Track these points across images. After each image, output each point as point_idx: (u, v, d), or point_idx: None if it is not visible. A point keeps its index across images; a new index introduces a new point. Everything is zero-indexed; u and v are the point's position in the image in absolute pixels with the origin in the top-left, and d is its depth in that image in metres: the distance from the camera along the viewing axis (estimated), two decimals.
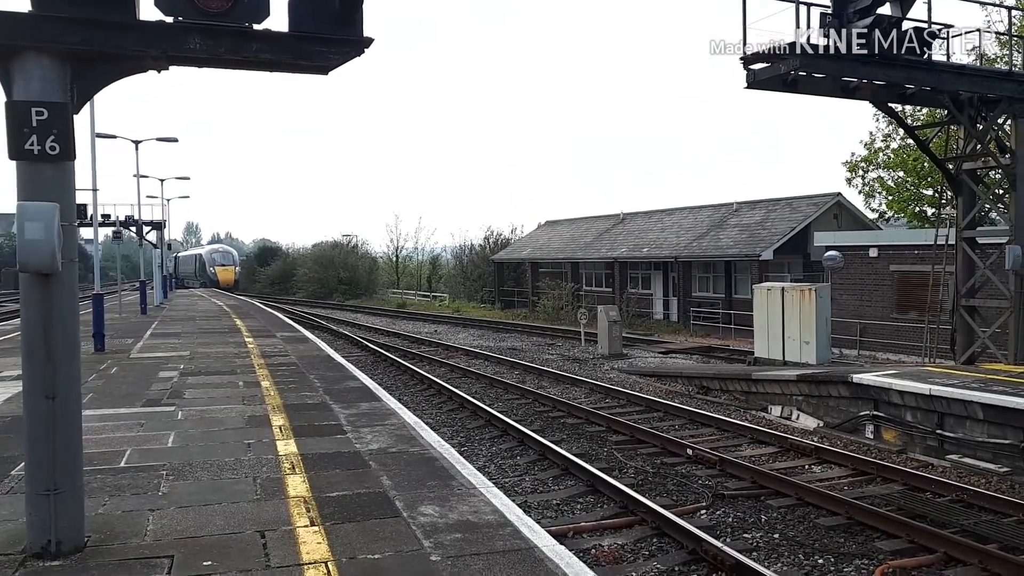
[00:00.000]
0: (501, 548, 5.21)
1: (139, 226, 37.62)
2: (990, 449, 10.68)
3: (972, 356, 14.61)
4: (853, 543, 7.74)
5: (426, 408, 14.74)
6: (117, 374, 13.74)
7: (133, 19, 5.18)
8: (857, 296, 24.55)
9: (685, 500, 9.10)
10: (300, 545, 5.24)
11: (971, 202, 14.80)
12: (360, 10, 5.52)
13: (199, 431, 8.85)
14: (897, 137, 32.04)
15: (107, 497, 6.33)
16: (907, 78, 13.09)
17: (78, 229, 29.96)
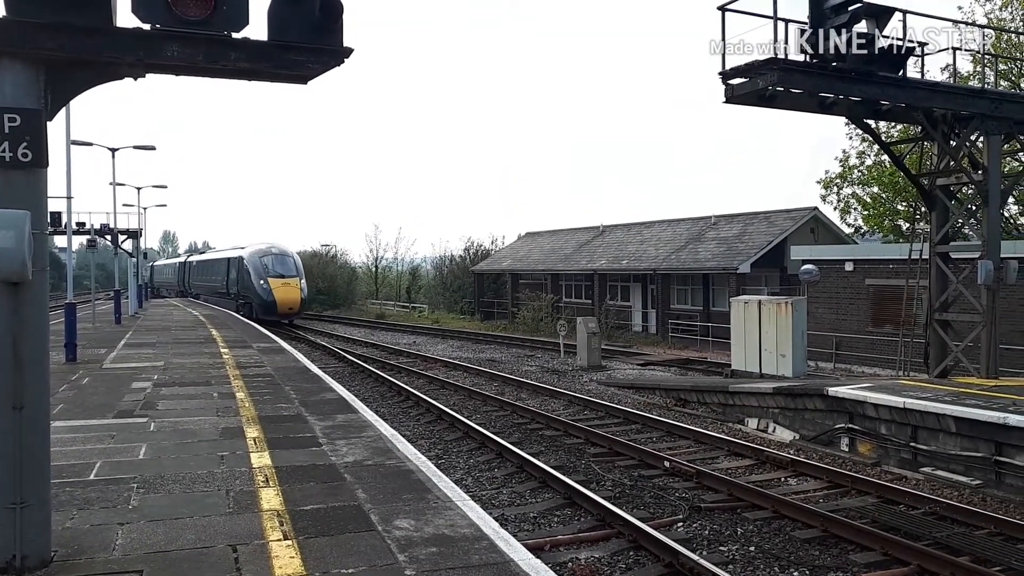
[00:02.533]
0: (477, 562, 5.17)
1: (114, 234, 37.19)
2: (963, 462, 10.80)
3: (945, 370, 14.78)
4: (828, 556, 7.77)
5: (403, 420, 14.65)
6: (88, 385, 13.53)
7: (109, 25, 5.12)
8: (833, 309, 24.78)
9: (662, 513, 9.10)
10: (273, 559, 5.17)
11: (944, 217, 15.01)
12: (340, 20, 5.50)
13: (171, 443, 8.72)
14: (871, 154, 32.51)
15: (75, 511, 6.21)
16: (882, 94, 13.27)
17: (51, 237, 29.36)
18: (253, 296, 37.68)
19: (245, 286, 38.95)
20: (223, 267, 45.31)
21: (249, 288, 38.13)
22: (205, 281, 51.86)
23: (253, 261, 38.62)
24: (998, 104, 14.05)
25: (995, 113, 13.93)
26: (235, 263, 41.74)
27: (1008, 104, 14.31)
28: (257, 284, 37.33)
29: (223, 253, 49.02)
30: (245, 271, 39.02)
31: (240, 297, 40.36)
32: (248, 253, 39.87)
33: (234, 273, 41.67)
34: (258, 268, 37.87)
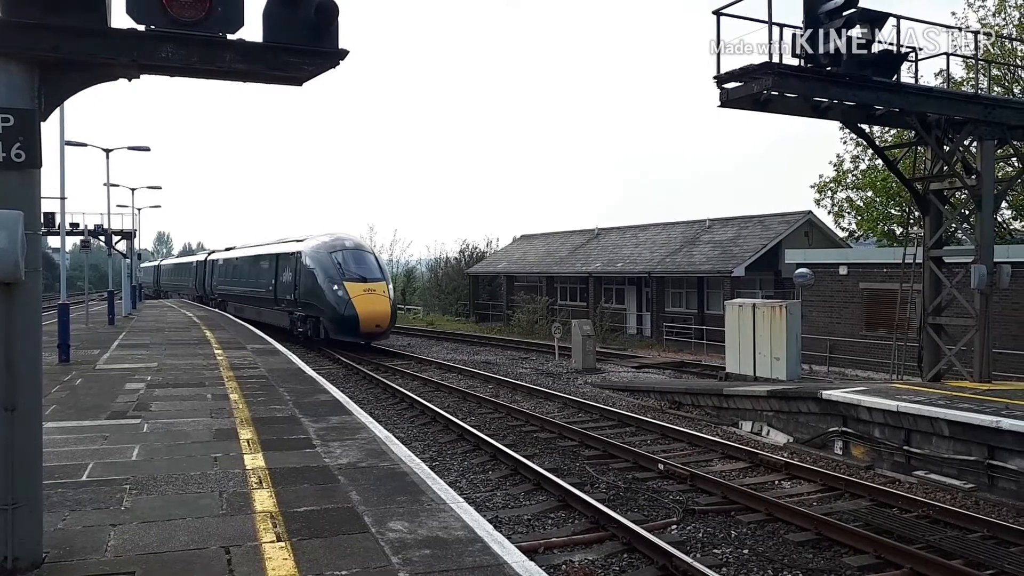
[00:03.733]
0: (470, 564, 5.17)
1: (108, 235, 37.06)
2: (955, 465, 10.83)
3: (939, 373, 14.83)
4: (821, 559, 7.78)
5: (398, 422, 14.63)
6: (81, 386, 13.48)
7: (104, 26, 5.11)
8: (827, 313, 24.84)
9: (656, 515, 9.11)
10: (266, 561, 5.16)
11: (938, 222, 15.06)
12: (336, 22, 5.50)
13: (165, 444, 8.70)
14: (865, 158, 32.61)
15: (67, 512, 6.19)
16: (876, 99, 13.32)
17: (44, 238, 29.27)
18: (320, 308, 26.62)
19: (308, 293, 27.45)
20: (268, 266, 33.12)
21: (314, 296, 26.99)
22: (238, 285, 38.66)
23: (319, 257, 27.45)
24: (991, 109, 14.11)
25: (988, 118, 13.99)
26: (289, 261, 29.91)
27: (1001, 109, 14.36)
28: (328, 291, 26.26)
29: (267, 247, 35.62)
30: (306, 272, 27.64)
31: (298, 308, 28.76)
32: (310, 247, 28.44)
33: (287, 275, 29.85)
34: (327, 268, 26.81)
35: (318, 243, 28.48)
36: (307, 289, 27.68)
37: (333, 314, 26.09)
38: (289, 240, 32.74)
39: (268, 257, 33.73)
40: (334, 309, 26.06)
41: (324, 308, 26.51)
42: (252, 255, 37.71)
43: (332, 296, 26.20)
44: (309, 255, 28.01)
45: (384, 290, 27.00)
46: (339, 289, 26.23)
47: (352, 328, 25.84)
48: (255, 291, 35.07)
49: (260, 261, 35.19)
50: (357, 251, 28.33)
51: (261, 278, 34.21)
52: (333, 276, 26.61)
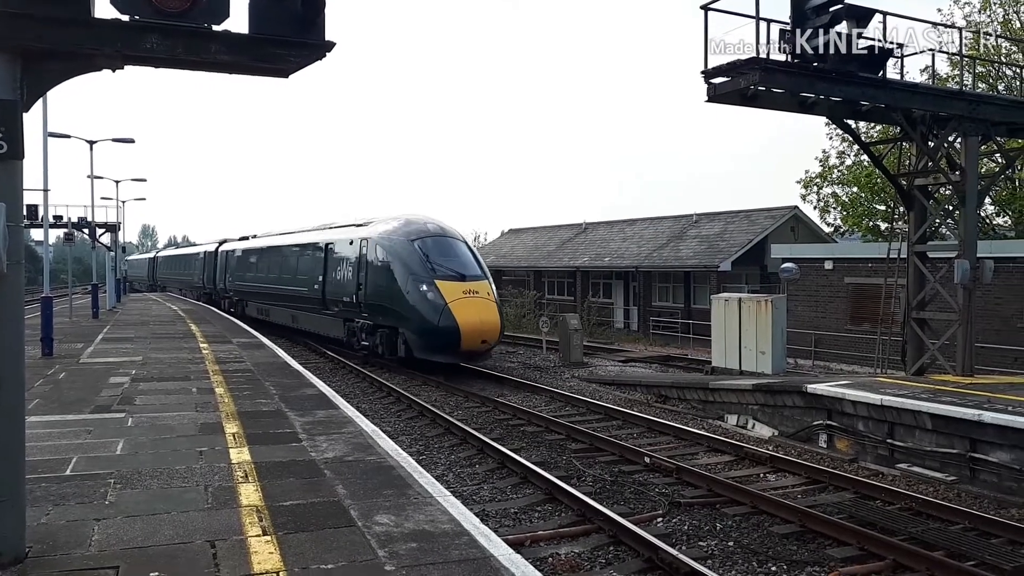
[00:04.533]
0: (457, 557, 5.18)
1: (92, 228, 36.73)
2: (938, 458, 10.94)
3: (922, 367, 14.96)
4: (805, 550, 7.85)
5: (384, 416, 14.62)
6: (65, 379, 13.38)
7: (87, 16, 5.07)
8: (812, 307, 25.00)
9: (642, 508, 9.15)
10: (251, 555, 5.15)
11: (922, 217, 15.18)
12: (322, 13, 5.48)
13: (149, 438, 8.65)
14: (851, 154, 32.81)
15: (51, 506, 6.15)
16: (862, 95, 13.39)
17: (27, 230, 29.07)
18: (401, 316, 19.52)
19: (381, 294, 20.33)
20: (313, 259, 25.42)
21: (391, 299, 19.86)
22: (265, 282, 30.42)
23: (397, 247, 20.23)
24: (976, 106, 14.22)
25: (973, 115, 14.10)
26: (347, 252, 22.54)
27: (985, 106, 14.48)
28: (413, 293, 19.18)
29: (309, 235, 27.65)
30: (378, 267, 20.49)
31: (362, 314, 21.61)
32: (381, 232, 21.15)
33: (344, 270, 22.48)
34: (410, 261, 19.73)
35: (392, 228, 20.98)
36: (379, 289, 20.29)
37: (421, 325, 18.76)
38: (341, 225, 25.19)
39: (313, 247, 25.58)
40: (423, 318, 18.68)
41: (407, 316, 19.12)
42: (288, 244, 29.20)
43: (419, 300, 18.84)
44: (381, 244, 20.47)
45: (488, 291, 19.75)
46: (429, 290, 18.85)
47: (449, 344, 18.59)
48: (292, 290, 27.04)
49: (301, 252, 26.99)
50: (445, 238, 20.77)
51: (302, 273, 26.16)
52: (419, 273, 19.23)
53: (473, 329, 18.70)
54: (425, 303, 18.81)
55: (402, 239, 20.39)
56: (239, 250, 36.37)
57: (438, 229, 21.05)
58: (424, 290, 18.98)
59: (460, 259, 20.39)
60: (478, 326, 18.79)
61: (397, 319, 19.72)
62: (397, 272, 19.72)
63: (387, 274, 20.05)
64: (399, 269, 19.70)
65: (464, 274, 19.75)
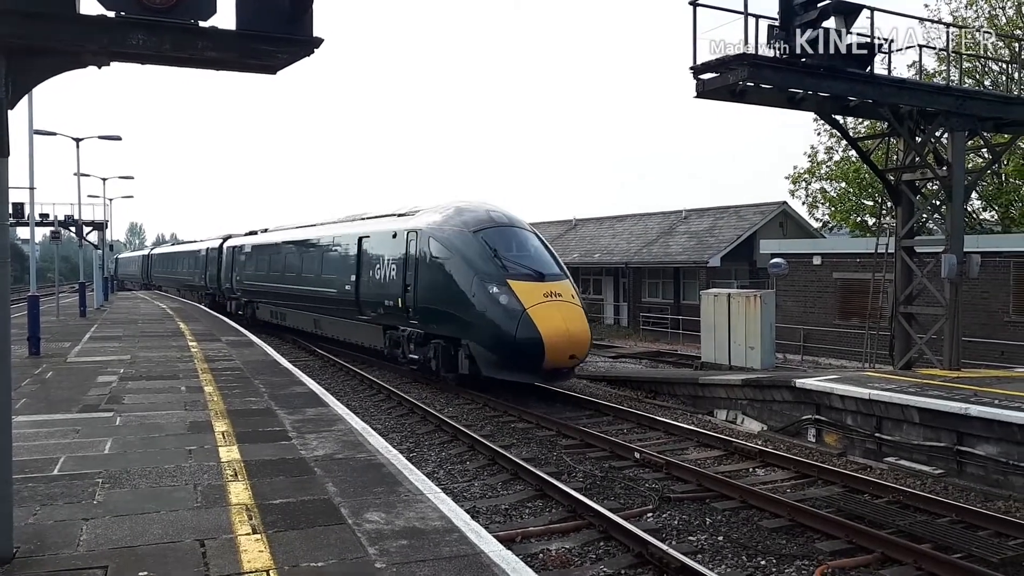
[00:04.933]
0: (447, 554, 5.18)
1: (79, 226, 36.49)
2: (925, 452, 11.02)
3: (910, 362, 15.06)
4: (794, 544, 7.89)
5: (375, 414, 14.59)
6: (53, 379, 13.30)
7: (73, 12, 5.03)
8: (801, 303, 25.11)
9: (632, 503, 9.18)
10: (241, 553, 5.13)
11: (910, 212, 15.27)
12: (310, 9, 5.45)
13: (138, 437, 8.61)
14: (839, 149, 32.94)
15: (38, 506, 6.11)
16: (850, 90, 13.45)
17: (12, 229, 28.80)
18: (468, 324, 15.70)
19: (438, 296, 16.60)
20: (345, 255, 21.46)
21: (451, 302, 16.12)
22: (283, 281, 26.55)
23: (456, 239, 16.52)
24: (962, 101, 14.30)
25: (959, 110, 14.18)
26: (391, 246, 18.55)
27: (972, 101, 14.56)
28: (481, 296, 15.45)
29: (340, 227, 23.38)
30: (431, 263, 16.85)
31: (410, 320, 17.56)
32: (435, 222, 17.32)
33: (388, 268, 18.60)
34: (474, 257, 15.99)
35: (446, 217, 17.15)
36: (433, 291, 16.55)
37: (493, 336, 14.97)
38: (377, 216, 21.28)
39: (344, 242, 21.71)
40: (495, 328, 14.91)
41: (473, 325, 15.41)
42: (310, 239, 25.00)
43: (489, 305, 15.06)
44: (436, 236, 16.73)
45: (573, 294, 15.91)
46: (501, 293, 15.06)
47: (529, 360, 14.73)
48: (315, 291, 23.38)
49: (327, 248, 23.04)
50: (513, 229, 16.96)
51: (328, 272, 22.51)
52: (488, 271, 15.47)
53: (559, 341, 14.62)
54: (497, 309, 14.93)
55: (462, 230, 16.44)
56: (248, 246, 31.94)
57: (504, 218, 17.14)
58: (495, 292, 15.04)
59: (534, 254, 16.54)
60: (565, 337, 14.73)
61: (459, 328, 15.85)
62: (458, 270, 15.86)
63: (444, 273, 16.23)
64: (460, 267, 15.83)
65: (543, 273, 15.81)
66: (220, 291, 36.06)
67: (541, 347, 14.44)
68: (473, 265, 15.67)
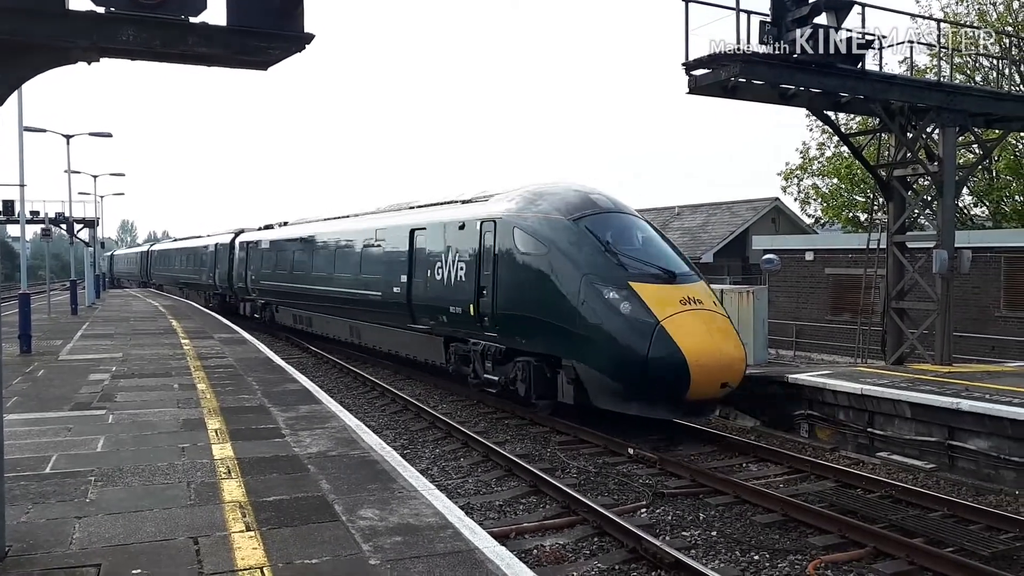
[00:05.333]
0: (442, 550, 5.18)
1: (70, 224, 36.32)
2: (917, 446, 11.07)
3: (901, 357, 15.13)
4: (787, 539, 7.92)
5: (368, 411, 14.58)
6: (44, 377, 13.24)
7: (61, 8, 4.99)
8: (794, 298, 25.18)
9: (626, 499, 9.19)
10: (235, 551, 5.12)
11: (901, 208, 15.33)
12: (301, 5, 5.43)
13: (131, 435, 8.58)
14: (831, 146, 33.03)
15: (30, 505, 6.09)
16: (841, 86, 13.49)
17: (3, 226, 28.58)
18: (575, 339, 11.85)
19: (532, 304, 12.66)
20: (394, 251, 17.65)
21: (551, 311, 12.21)
22: (308, 281, 23.04)
23: (552, 231, 12.62)
24: (953, 97, 14.36)
25: (950, 105, 14.24)
26: (460, 239, 14.75)
27: (962, 97, 14.63)
28: (593, 302, 11.56)
29: (386, 218, 19.41)
30: (521, 261, 12.96)
31: (493, 333, 13.66)
32: (516, 209, 13.53)
33: (452, 269, 14.91)
34: (580, 251, 12.18)
35: (532, 201, 13.38)
36: (521, 295, 12.87)
37: (614, 356, 11.37)
38: (433, 204, 17.42)
39: (391, 234, 17.81)
40: (615, 345, 11.31)
41: (583, 340, 11.73)
42: (346, 232, 21.08)
43: (606, 314, 11.43)
44: (523, 226, 12.98)
45: (714, 300, 12.50)
46: (623, 298, 11.39)
47: (667, 389, 11.20)
48: (352, 293, 19.63)
49: (370, 242, 18.96)
50: (623, 216, 13.28)
51: (370, 271, 18.74)
52: (601, 269, 11.85)
53: (709, 364, 10.95)
54: (617, 320, 11.17)
55: (558, 218, 12.59)
56: (267, 241, 28.06)
57: (607, 202, 13.32)
58: (613, 298, 11.30)
59: (656, 248, 12.77)
60: (716, 359, 11.09)
61: (559, 344, 12.12)
62: (557, 269, 12.07)
63: (536, 272, 12.45)
64: (560, 264, 12.05)
65: (673, 272, 11.99)
66: (232, 291, 32.71)
67: (685, 372, 10.78)
68: (579, 262, 11.87)
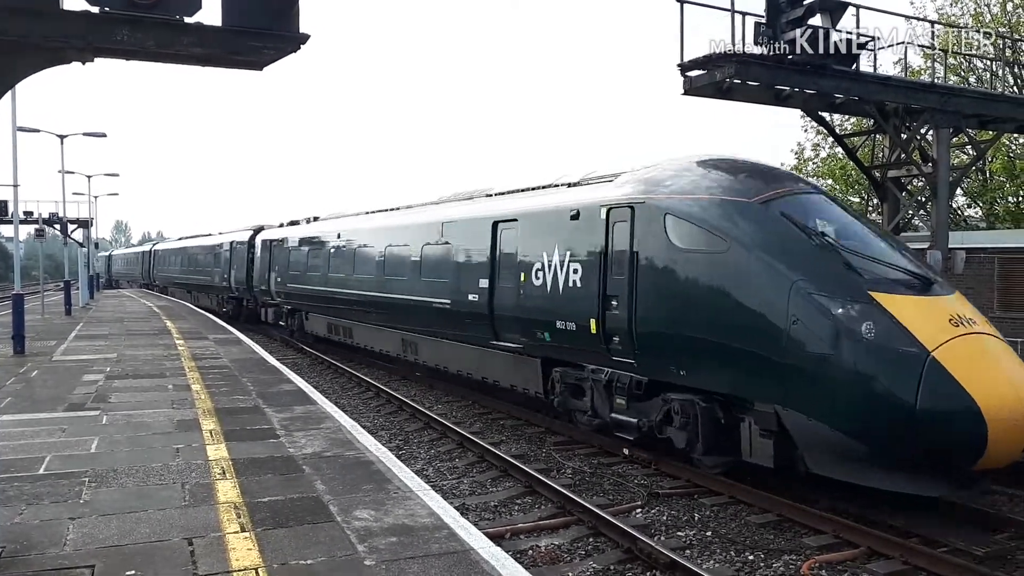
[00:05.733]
0: (437, 551, 5.18)
1: (64, 224, 36.23)
2: None
3: None
4: (782, 539, 7.93)
5: (364, 411, 14.56)
6: (38, 377, 13.20)
7: (56, 8, 4.98)
8: None
9: (621, 499, 9.20)
10: (230, 552, 5.12)
11: (895, 209, 15.36)
12: (296, 4, 5.42)
13: (125, 436, 8.57)
14: (826, 146, 33.11)
15: (24, 506, 6.07)
16: (836, 88, 13.52)
17: None
18: (793, 375, 7.90)
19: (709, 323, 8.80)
20: (469, 248, 13.86)
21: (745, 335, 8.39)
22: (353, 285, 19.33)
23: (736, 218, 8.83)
24: (947, 98, 14.40)
25: (944, 107, 14.28)
26: (574, 232, 11.01)
27: (957, 98, 14.67)
28: (815, 323, 7.82)
29: (456, 208, 15.52)
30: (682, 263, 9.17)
31: (628, 358, 9.90)
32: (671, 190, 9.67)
33: (565, 272, 11.05)
34: (782, 248, 8.44)
35: (693, 179, 9.84)
36: (683, 307, 9.29)
37: (860, 403, 7.59)
38: (522, 189, 13.79)
39: (469, 228, 14.17)
40: (857, 386, 7.62)
41: (797, 377, 7.99)
42: (401, 227, 17.26)
43: (836, 338, 7.75)
44: (683, 210, 9.39)
45: (984, 318, 8.55)
46: (865, 316, 7.70)
47: (950, 453, 7.45)
48: (413, 300, 15.86)
49: (438, 239, 15.15)
50: (822, 198, 9.94)
51: (437, 273, 15.00)
52: (823, 274, 8.22)
53: (1016, 418, 7.34)
54: (858, 348, 7.69)
55: (741, 200, 9.14)
56: (295, 239, 24.54)
57: (799, 180, 10.65)
58: (847, 316, 7.81)
59: (887, 244, 9.23)
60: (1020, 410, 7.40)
61: (752, 379, 8.62)
62: (750, 272, 8.57)
63: (710, 276, 8.99)
64: (755, 266, 8.55)
65: (928, 278, 8.56)
66: (251, 295, 29.55)
67: (980, 430, 7.18)
68: (784, 263, 8.37)
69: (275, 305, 27.23)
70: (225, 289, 33.13)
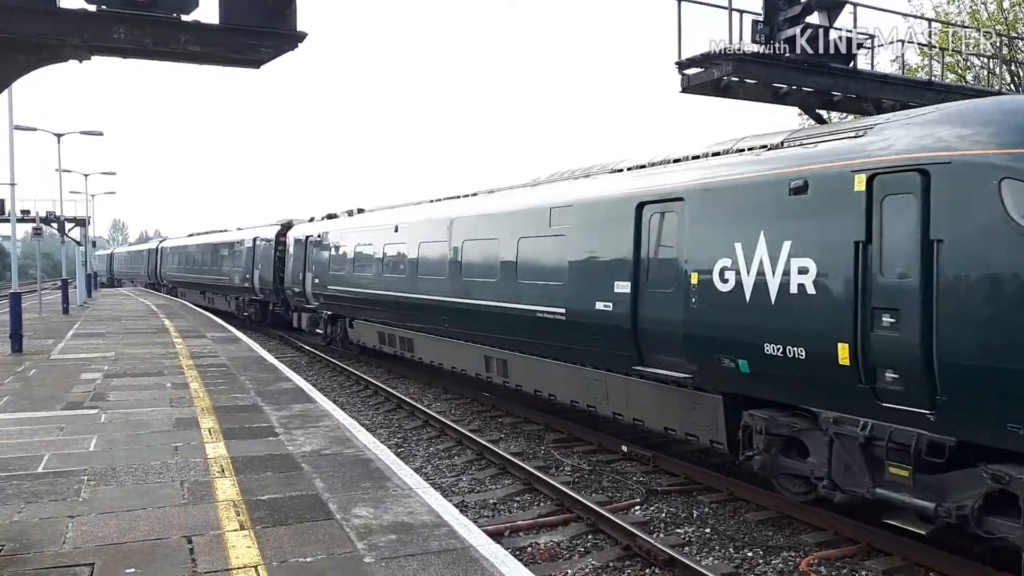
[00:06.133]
0: (436, 548, 5.19)
1: (61, 223, 36.18)
2: None
3: None
4: (781, 536, 7.95)
5: (362, 409, 14.57)
6: (36, 376, 13.19)
7: (53, 6, 4.98)
8: None
9: (620, 497, 9.21)
10: (229, 549, 5.12)
11: None
12: (293, 3, 5.42)
13: (123, 434, 8.56)
14: None
15: (23, 504, 6.07)
16: (834, 85, 13.52)
17: None
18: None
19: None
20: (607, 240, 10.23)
21: None
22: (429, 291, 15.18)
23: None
24: (945, 96, 14.40)
25: None
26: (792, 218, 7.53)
27: (954, 96, 14.68)
28: None
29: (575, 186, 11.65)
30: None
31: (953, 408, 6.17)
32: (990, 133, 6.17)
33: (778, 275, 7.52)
34: None
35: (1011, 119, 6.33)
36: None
37: None
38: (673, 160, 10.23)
39: (589, 211, 10.93)
40: None
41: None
42: (485, 215, 13.93)
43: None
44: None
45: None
46: None
47: None
48: (506, 306, 12.48)
49: (544, 228, 11.73)
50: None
51: (536, 273, 11.84)
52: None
53: None
54: None
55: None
56: (336, 234, 21.18)
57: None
58: None
59: None
60: None
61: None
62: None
63: None
64: None
65: None
66: (281, 298, 26.58)
67: None
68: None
69: (311, 310, 23.72)
70: (247, 291, 29.70)
